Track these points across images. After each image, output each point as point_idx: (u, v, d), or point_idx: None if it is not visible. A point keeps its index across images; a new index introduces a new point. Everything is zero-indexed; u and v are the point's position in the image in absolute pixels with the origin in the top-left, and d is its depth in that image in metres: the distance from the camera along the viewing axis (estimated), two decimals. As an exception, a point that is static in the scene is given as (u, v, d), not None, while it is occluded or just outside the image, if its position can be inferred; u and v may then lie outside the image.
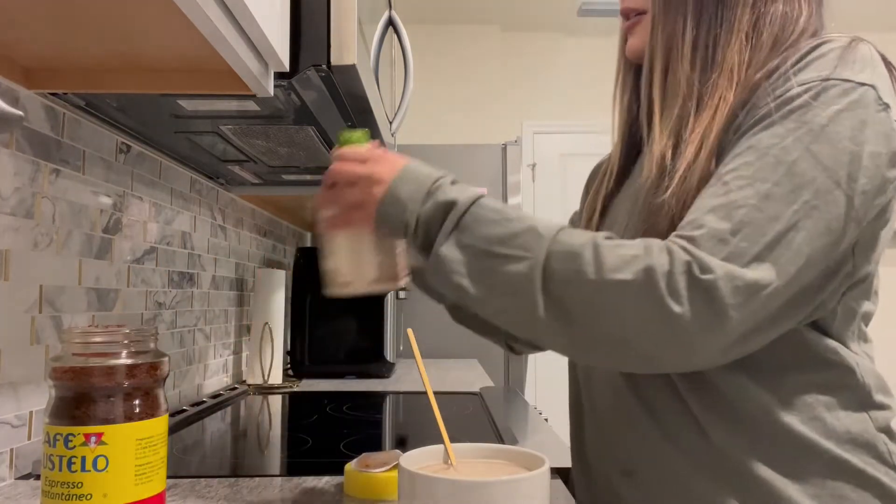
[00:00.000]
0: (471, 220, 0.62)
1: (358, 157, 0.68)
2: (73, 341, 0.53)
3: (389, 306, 1.88)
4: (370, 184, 0.65)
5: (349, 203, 0.67)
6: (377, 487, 0.71)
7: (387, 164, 0.66)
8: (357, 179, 0.66)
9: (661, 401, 0.66)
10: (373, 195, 0.65)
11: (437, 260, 0.62)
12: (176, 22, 0.65)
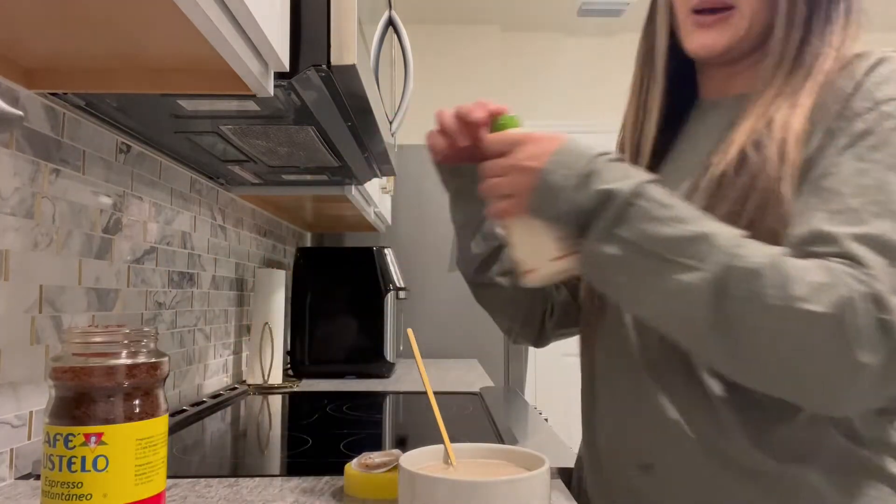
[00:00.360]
0: (634, 213, 0.58)
1: (506, 144, 0.65)
2: (73, 341, 0.53)
3: (389, 306, 1.88)
4: (519, 174, 0.63)
5: (505, 194, 0.64)
6: (377, 487, 0.71)
7: (536, 149, 0.63)
8: (506, 170, 0.64)
9: (688, 395, 0.65)
10: (523, 185, 0.63)
11: (594, 255, 0.60)
12: (176, 22, 0.65)
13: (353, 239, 2.64)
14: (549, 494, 0.52)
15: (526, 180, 0.62)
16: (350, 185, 1.54)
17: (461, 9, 3.69)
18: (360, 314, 1.86)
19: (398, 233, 2.58)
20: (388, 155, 1.25)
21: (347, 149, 1.17)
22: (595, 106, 3.94)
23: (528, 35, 3.98)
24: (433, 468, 0.56)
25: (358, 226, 2.34)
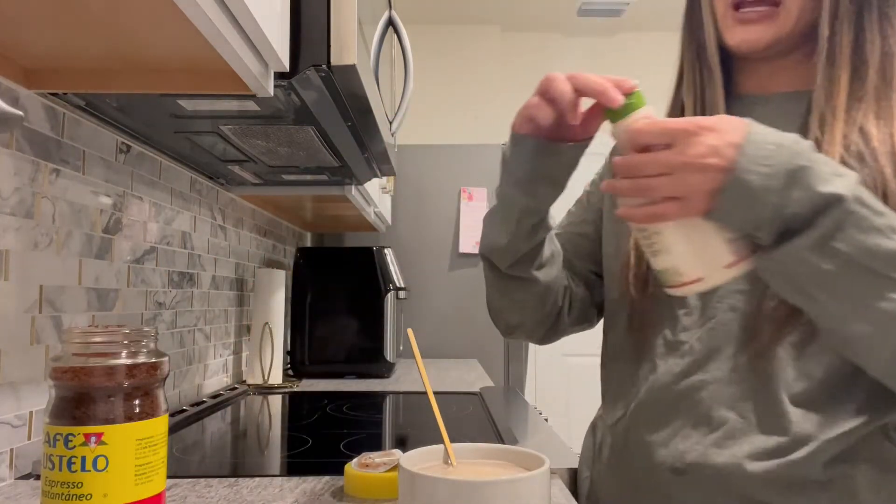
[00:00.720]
0: (853, 222, 0.52)
1: (670, 135, 0.55)
2: (73, 341, 0.53)
3: (389, 306, 1.88)
4: (695, 172, 0.53)
5: (671, 195, 0.55)
6: (377, 487, 0.71)
7: (716, 140, 0.53)
8: (675, 167, 0.54)
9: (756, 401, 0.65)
10: (702, 186, 0.53)
11: (796, 265, 0.54)
12: (176, 22, 0.65)
13: (353, 239, 2.64)
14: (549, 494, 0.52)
15: (706, 180, 0.53)
16: (350, 185, 1.54)
17: (461, 9, 3.69)
18: (360, 314, 1.86)
19: (398, 233, 2.58)
20: (388, 155, 1.25)
21: (347, 149, 1.17)
22: (595, 106, 3.94)
23: (528, 35, 3.98)
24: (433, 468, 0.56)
25: (358, 226, 2.34)
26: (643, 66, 3.82)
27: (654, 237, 0.59)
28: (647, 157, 0.55)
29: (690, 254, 0.58)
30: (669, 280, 0.60)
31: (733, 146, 0.53)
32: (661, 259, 0.60)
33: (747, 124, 0.54)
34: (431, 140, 3.59)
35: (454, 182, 2.61)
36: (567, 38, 4.00)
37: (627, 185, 0.57)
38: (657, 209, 0.56)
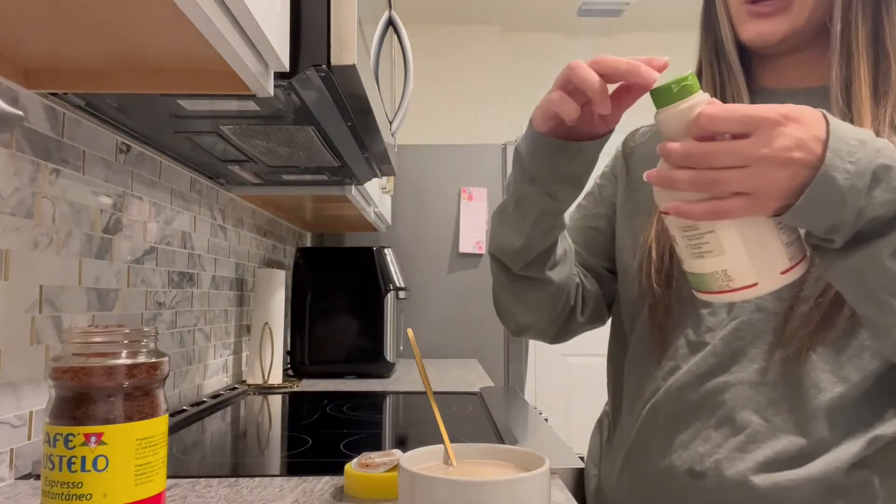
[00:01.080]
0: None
1: (746, 122, 0.49)
2: (73, 341, 0.53)
3: (389, 306, 1.88)
4: (775, 167, 0.48)
5: (743, 190, 0.49)
6: (377, 487, 0.71)
7: (800, 132, 0.49)
8: (751, 160, 0.48)
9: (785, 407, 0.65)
10: (780, 182, 0.49)
11: (873, 268, 0.51)
12: (176, 22, 0.65)
13: (353, 239, 2.64)
14: (549, 494, 0.52)
15: (788, 176, 0.48)
16: (350, 185, 1.54)
17: (461, 9, 3.69)
18: (360, 314, 1.86)
19: (398, 233, 2.58)
20: (388, 155, 1.25)
21: (347, 149, 1.17)
22: (595, 106, 3.94)
23: (528, 35, 3.98)
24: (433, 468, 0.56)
25: (358, 226, 2.34)
26: (643, 66, 3.80)
27: (706, 237, 0.53)
28: (721, 147, 0.49)
29: (746, 257, 0.52)
30: (712, 285, 0.54)
31: (819, 140, 0.49)
32: (707, 261, 0.53)
33: (826, 117, 0.50)
34: (431, 140, 3.59)
35: (454, 182, 2.61)
36: (567, 38, 4.00)
37: (689, 177, 0.50)
38: (723, 205, 0.50)
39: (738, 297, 0.53)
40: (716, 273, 0.53)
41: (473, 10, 3.71)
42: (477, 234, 2.56)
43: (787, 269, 0.52)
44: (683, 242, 0.55)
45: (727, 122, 0.49)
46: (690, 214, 0.51)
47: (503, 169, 2.61)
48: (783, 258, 0.52)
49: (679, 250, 0.56)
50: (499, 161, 2.62)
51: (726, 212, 0.50)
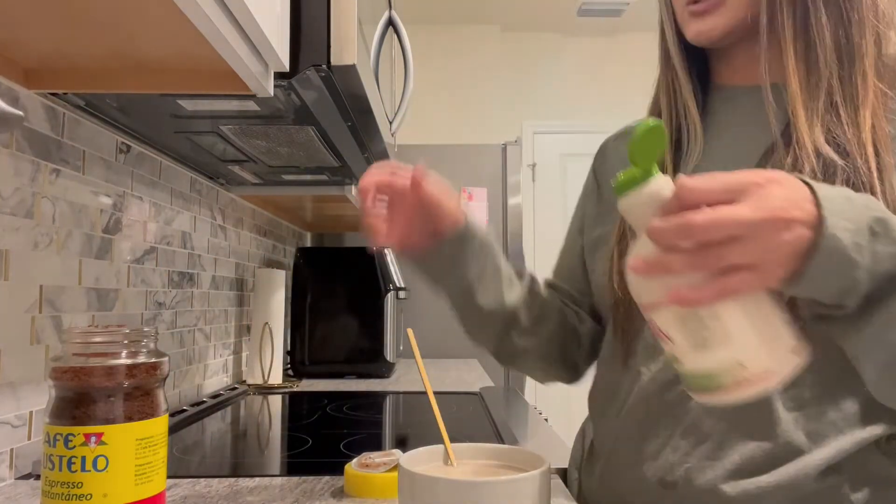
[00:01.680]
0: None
1: (730, 188, 0.45)
2: (73, 341, 0.53)
3: (389, 306, 1.88)
4: (783, 229, 0.44)
5: (746, 262, 0.44)
6: (377, 487, 0.71)
7: (787, 191, 0.45)
8: (754, 226, 0.43)
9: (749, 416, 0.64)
10: (790, 246, 0.45)
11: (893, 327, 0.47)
12: (176, 22, 0.65)
13: (354, 239, 2.64)
14: (549, 494, 0.52)
15: (793, 239, 0.44)
16: (350, 185, 1.54)
17: (461, 9, 3.69)
18: (360, 314, 1.86)
19: (398, 233, 2.58)
20: (388, 155, 1.25)
21: (347, 149, 1.17)
22: (595, 106, 3.94)
23: (528, 35, 3.99)
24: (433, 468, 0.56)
25: (358, 226, 2.34)
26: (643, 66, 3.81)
27: (709, 323, 0.46)
28: (720, 214, 0.43)
29: (756, 340, 0.46)
30: (725, 379, 0.47)
31: (808, 200, 0.45)
32: (715, 353, 0.46)
33: (800, 177, 0.48)
34: (431, 140, 3.59)
35: (454, 182, 2.60)
36: (567, 38, 4.00)
37: (684, 260, 0.44)
38: (730, 282, 0.44)
39: (755, 390, 0.47)
40: (727, 364, 0.46)
41: (473, 10, 3.71)
42: (477, 234, 2.56)
43: (795, 346, 0.47)
44: (682, 337, 0.48)
45: (710, 192, 0.44)
46: (699, 300, 0.44)
47: (503, 169, 2.61)
48: (790, 335, 0.47)
49: (674, 349, 0.49)
50: (499, 161, 2.62)
51: (735, 288, 0.44)
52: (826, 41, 0.64)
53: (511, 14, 3.78)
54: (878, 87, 0.63)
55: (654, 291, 0.47)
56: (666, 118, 0.75)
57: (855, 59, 0.64)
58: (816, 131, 0.62)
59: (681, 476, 0.65)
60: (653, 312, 0.49)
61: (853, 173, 0.59)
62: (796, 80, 0.64)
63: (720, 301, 0.45)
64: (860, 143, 0.61)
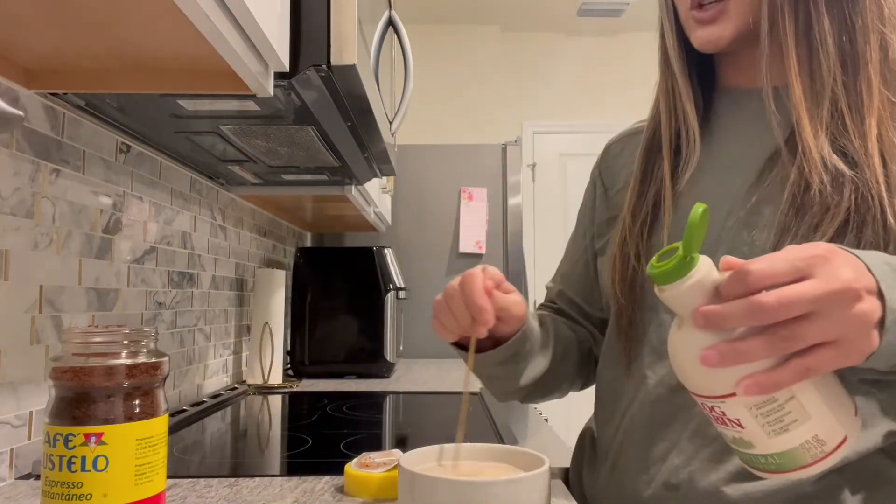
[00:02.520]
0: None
1: (790, 266, 0.43)
2: (73, 341, 0.53)
3: (389, 306, 1.88)
4: (846, 303, 0.42)
5: (820, 338, 0.43)
6: (377, 487, 0.71)
7: (844, 263, 0.44)
8: (828, 300, 0.42)
9: None
10: (869, 316, 0.43)
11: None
12: (176, 22, 0.65)
13: (353, 239, 2.64)
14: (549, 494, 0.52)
15: (869, 309, 0.43)
16: (350, 185, 1.54)
17: (461, 9, 3.69)
18: (360, 314, 1.86)
19: (398, 233, 2.58)
20: (388, 155, 1.25)
21: (347, 149, 1.17)
22: (595, 106, 3.95)
23: (528, 35, 3.99)
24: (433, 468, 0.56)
25: (358, 226, 2.34)
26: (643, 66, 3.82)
27: (787, 406, 0.44)
28: (785, 293, 0.41)
29: (830, 413, 0.45)
30: (805, 457, 0.45)
31: (863, 270, 0.44)
32: (795, 433, 0.45)
33: (837, 246, 0.46)
34: (431, 140, 3.59)
35: (454, 182, 2.61)
36: (567, 38, 4.00)
37: (761, 344, 0.42)
38: (809, 361, 0.42)
39: (833, 461, 0.46)
40: (807, 443, 0.45)
41: (473, 10, 3.71)
42: (477, 233, 2.56)
43: (855, 409, 0.47)
44: (758, 423, 0.45)
45: (777, 274, 0.42)
46: (779, 383, 0.42)
47: (503, 169, 2.61)
48: (849, 398, 0.47)
49: (746, 435, 0.47)
50: (499, 161, 2.62)
51: (817, 367, 0.42)
52: (829, 47, 0.63)
53: (511, 14, 3.78)
54: (885, 95, 0.63)
55: (724, 383, 0.44)
56: (665, 122, 0.75)
57: (859, 65, 0.63)
58: (822, 140, 0.61)
59: (684, 479, 0.65)
60: (719, 403, 0.46)
61: (862, 185, 0.59)
62: (799, 86, 0.64)
63: (801, 381, 0.43)
64: (867, 154, 0.60)
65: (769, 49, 0.66)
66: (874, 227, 0.58)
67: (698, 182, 0.71)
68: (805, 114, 0.63)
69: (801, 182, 0.62)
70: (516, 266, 2.54)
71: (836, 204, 0.59)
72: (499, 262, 2.55)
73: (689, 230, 0.44)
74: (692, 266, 0.44)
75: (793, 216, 0.61)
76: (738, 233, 0.65)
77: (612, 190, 0.83)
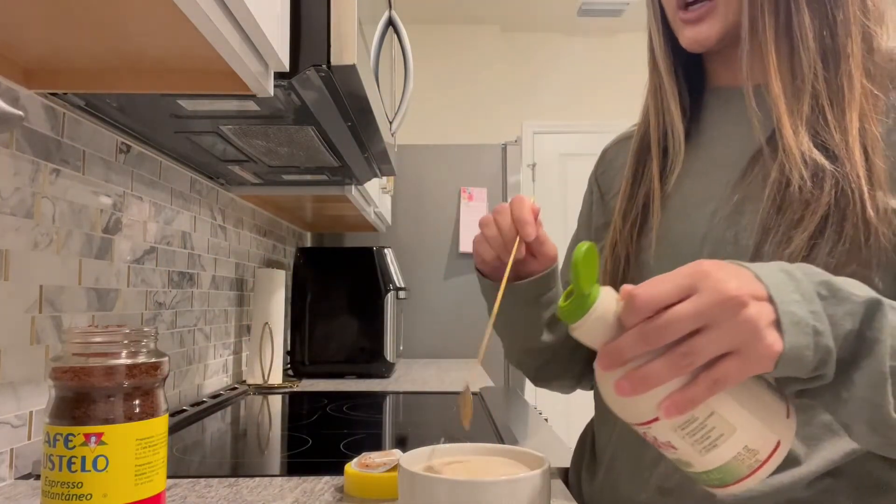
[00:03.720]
0: None
1: (673, 287, 0.44)
2: (73, 341, 0.53)
3: (389, 306, 1.88)
4: (731, 311, 0.42)
5: (720, 349, 0.43)
6: (377, 487, 0.71)
7: (729, 275, 0.44)
8: (706, 317, 0.42)
9: None
10: (756, 322, 0.43)
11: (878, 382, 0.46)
12: (176, 22, 0.65)
13: (353, 239, 2.64)
14: (549, 494, 0.52)
15: (762, 313, 0.43)
16: (350, 185, 1.54)
17: (461, 9, 3.69)
18: (360, 314, 1.86)
19: (398, 233, 2.58)
20: (388, 155, 1.25)
21: (347, 149, 1.17)
22: (595, 106, 3.94)
23: (528, 35, 3.99)
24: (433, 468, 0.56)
25: (358, 226, 2.34)
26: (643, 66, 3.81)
27: (708, 422, 0.45)
28: (669, 313, 0.43)
29: (757, 421, 0.45)
30: (741, 469, 0.46)
31: (750, 278, 0.45)
32: (725, 448, 0.45)
33: (725, 262, 0.47)
34: (431, 140, 3.59)
35: (454, 182, 2.61)
36: (567, 38, 4.00)
37: (663, 364, 0.43)
38: (715, 375, 0.43)
39: (771, 468, 0.46)
40: (739, 454, 0.45)
41: (473, 10, 3.71)
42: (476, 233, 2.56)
43: (787, 411, 0.47)
44: (686, 443, 0.46)
45: (663, 295, 0.44)
46: (693, 399, 0.43)
47: (503, 169, 2.61)
48: (779, 402, 0.47)
49: (681, 455, 0.47)
50: (499, 161, 2.62)
51: (724, 377, 0.43)
52: (809, 42, 0.63)
53: (511, 14, 3.78)
54: (867, 88, 0.62)
55: (645, 409, 0.46)
56: (653, 124, 0.75)
57: (840, 59, 0.63)
58: (802, 136, 0.62)
59: (677, 483, 0.65)
60: (653, 428, 0.47)
61: (842, 179, 0.59)
62: (779, 83, 0.64)
63: (713, 396, 0.44)
64: (848, 148, 0.60)
65: (750, 46, 0.66)
66: (854, 220, 0.58)
67: (685, 182, 0.71)
68: (785, 110, 0.63)
69: (781, 179, 0.62)
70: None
71: (815, 199, 0.59)
72: (499, 262, 2.54)
73: (574, 270, 0.45)
74: (590, 303, 0.46)
75: (774, 214, 0.61)
76: (723, 232, 0.66)
77: (609, 195, 0.83)
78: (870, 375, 0.45)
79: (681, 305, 0.43)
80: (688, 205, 0.70)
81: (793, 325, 0.44)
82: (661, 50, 0.74)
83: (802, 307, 0.45)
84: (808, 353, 0.44)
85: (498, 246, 0.70)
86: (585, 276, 0.45)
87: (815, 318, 0.45)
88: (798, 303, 0.45)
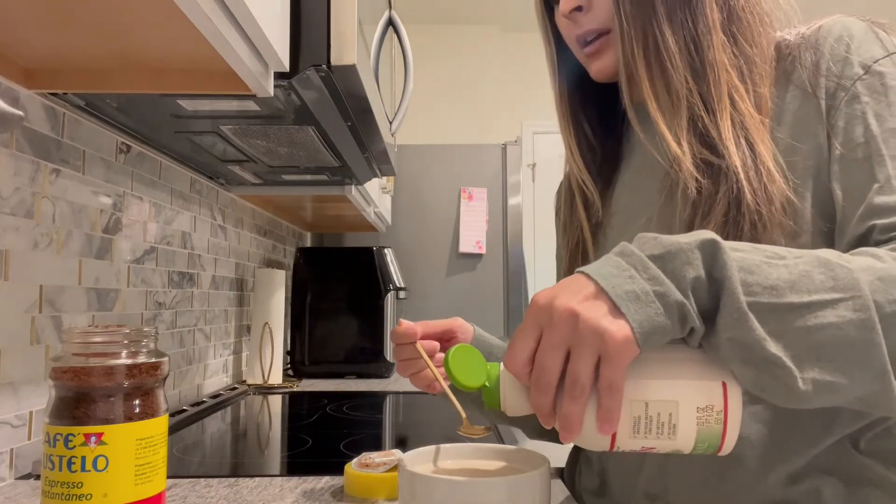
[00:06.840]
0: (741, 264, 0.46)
1: (527, 329, 0.47)
2: (73, 341, 0.53)
3: (389, 306, 1.88)
4: (566, 322, 0.44)
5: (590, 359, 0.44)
6: (377, 487, 0.71)
7: (558, 291, 0.46)
8: (556, 343, 0.45)
9: None
10: (589, 322, 0.44)
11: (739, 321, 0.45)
12: (176, 22, 0.65)
13: (353, 239, 2.64)
14: (549, 494, 0.52)
15: (601, 310, 0.44)
16: (350, 185, 1.54)
17: (461, 9, 3.69)
18: (360, 314, 1.86)
19: (398, 233, 2.58)
20: (388, 155, 1.25)
21: (347, 149, 1.17)
22: (595, 106, 3.94)
23: (528, 35, 3.98)
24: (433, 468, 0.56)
25: (358, 226, 2.34)
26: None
27: (651, 411, 0.46)
28: (538, 358, 0.45)
29: (688, 381, 0.46)
30: (712, 435, 0.46)
31: (577, 285, 0.46)
32: (684, 422, 0.46)
33: (570, 276, 0.48)
34: (431, 140, 3.59)
35: (454, 182, 2.61)
36: (567, 38, 4.00)
37: (568, 403, 0.44)
38: (603, 381, 0.44)
39: (737, 411, 0.46)
40: (699, 419, 0.46)
41: (473, 10, 3.71)
42: (477, 233, 2.56)
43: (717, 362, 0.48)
44: (653, 440, 0.47)
45: (522, 348, 0.46)
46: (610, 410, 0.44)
47: (503, 169, 2.61)
48: (697, 352, 0.48)
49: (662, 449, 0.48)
50: (499, 161, 2.62)
51: (609, 380, 0.44)
52: (677, 61, 0.66)
53: (511, 14, 3.78)
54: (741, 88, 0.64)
55: (597, 438, 0.47)
56: (571, 170, 0.80)
57: (707, 70, 0.65)
58: (685, 146, 0.64)
59: (661, 489, 0.66)
60: (615, 446, 0.48)
61: (729, 170, 0.61)
62: (654, 103, 0.67)
63: (619, 394, 0.44)
64: (723, 140, 0.62)
65: (626, 75, 0.70)
66: (743, 208, 0.60)
67: (619, 198, 0.75)
68: (664, 126, 0.66)
69: (684, 185, 0.64)
70: (516, 266, 2.54)
71: (714, 193, 0.62)
72: (499, 262, 2.54)
73: (451, 374, 0.50)
74: (496, 388, 0.50)
75: (691, 214, 0.64)
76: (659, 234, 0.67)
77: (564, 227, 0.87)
78: (729, 314, 0.45)
79: (539, 347, 0.45)
80: (626, 219, 0.74)
81: (631, 302, 0.44)
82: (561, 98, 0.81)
83: (637, 281, 0.45)
84: (661, 318, 0.44)
85: (416, 376, 0.73)
86: (468, 375, 0.50)
87: (653, 283, 0.45)
88: (631, 279, 0.45)
